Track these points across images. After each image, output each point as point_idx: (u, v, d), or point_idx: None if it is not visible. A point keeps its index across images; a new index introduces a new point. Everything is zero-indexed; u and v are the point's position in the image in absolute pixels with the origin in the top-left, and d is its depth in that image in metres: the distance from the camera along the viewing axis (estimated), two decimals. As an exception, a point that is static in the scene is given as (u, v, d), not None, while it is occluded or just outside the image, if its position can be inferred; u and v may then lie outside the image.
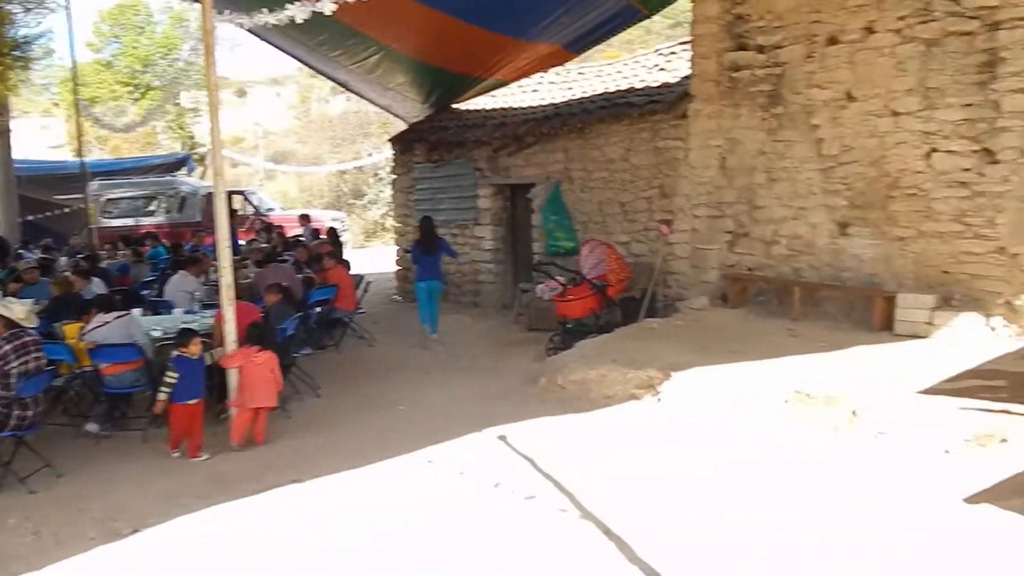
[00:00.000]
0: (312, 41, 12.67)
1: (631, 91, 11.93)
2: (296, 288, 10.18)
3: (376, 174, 28.23)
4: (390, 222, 18.94)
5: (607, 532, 4.91)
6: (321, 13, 7.36)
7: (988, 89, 7.88)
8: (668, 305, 10.68)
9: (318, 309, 10.27)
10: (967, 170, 8.06)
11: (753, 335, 8.75)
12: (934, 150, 8.29)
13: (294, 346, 8.90)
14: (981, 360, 7.15)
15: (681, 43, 12.20)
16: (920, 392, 6.45)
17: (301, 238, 15.82)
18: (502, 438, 6.84)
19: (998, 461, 5.32)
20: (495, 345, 11.09)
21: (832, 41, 9.09)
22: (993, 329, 7.82)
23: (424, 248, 11.66)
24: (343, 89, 19.27)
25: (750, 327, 9.12)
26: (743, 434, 6.42)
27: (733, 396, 6.97)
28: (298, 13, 7.36)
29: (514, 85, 14.89)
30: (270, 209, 23.09)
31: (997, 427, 5.67)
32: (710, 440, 6.38)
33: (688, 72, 10.77)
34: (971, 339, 7.73)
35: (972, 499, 4.89)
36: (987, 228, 7.95)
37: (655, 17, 16.62)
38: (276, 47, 14.21)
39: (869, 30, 8.75)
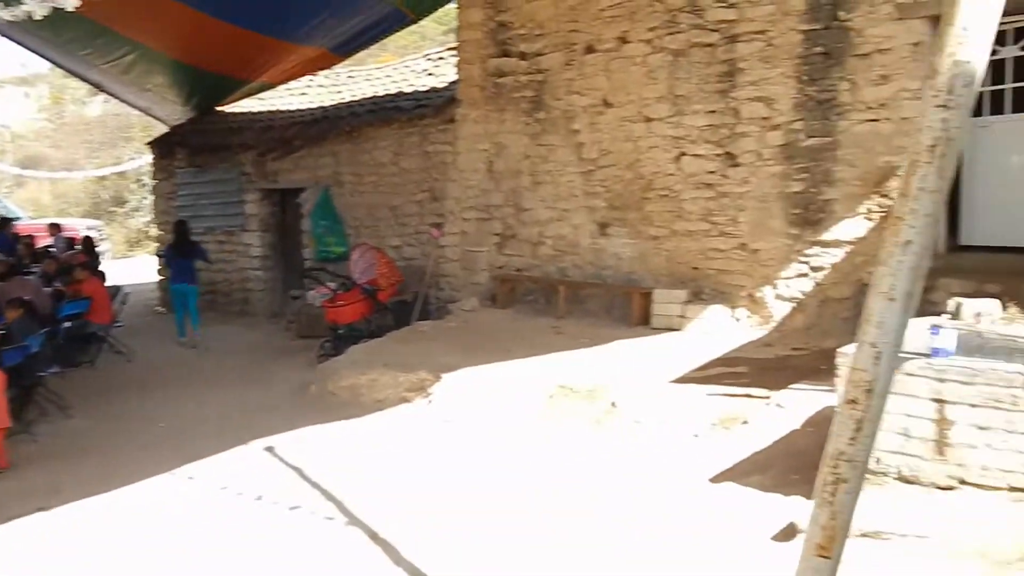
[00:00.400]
0: (59, 39, 11.80)
1: (400, 95, 11.96)
2: (42, 302, 9.48)
3: (139, 180, 26.66)
4: (154, 230, 17.97)
5: (374, 536, 4.85)
6: (63, 9, 6.85)
7: (729, 97, 8.47)
8: (440, 307, 10.76)
9: (68, 324, 9.57)
10: (712, 172, 8.63)
11: (521, 334, 8.97)
12: (683, 154, 8.82)
13: (41, 364, 8.25)
14: (727, 349, 7.69)
15: (449, 49, 12.31)
16: (672, 381, 6.84)
17: (52, 249, 14.67)
18: (269, 449, 6.64)
19: (740, 442, 5.70)
20: (265, 354, 10.75)
21: (589, 50, 9.47)
22: (738, 320, 8.42)
23: (178, 251, 11.62)
24: (100, 90, 18.07)
25: (518, 326, 9.35)
26: (510, 431, 6.56)
27: (501, 394, 7.10)
28: (37, 9, 6.80)
29: (282, 88, 14.52)
30: (16, 218, 21.30)
31: (739, 410, 6.10)
32: (478, 439, 6.48)
33: (456, 77, 10.91)
34: (719, 329, 8.32)
35: (716, 478, 5.22)
36: (730, 226, 8.55)
37: (429, 23, 16.71)
38: (20, 44, 13.11)
39: (623, 40, 9.19)
